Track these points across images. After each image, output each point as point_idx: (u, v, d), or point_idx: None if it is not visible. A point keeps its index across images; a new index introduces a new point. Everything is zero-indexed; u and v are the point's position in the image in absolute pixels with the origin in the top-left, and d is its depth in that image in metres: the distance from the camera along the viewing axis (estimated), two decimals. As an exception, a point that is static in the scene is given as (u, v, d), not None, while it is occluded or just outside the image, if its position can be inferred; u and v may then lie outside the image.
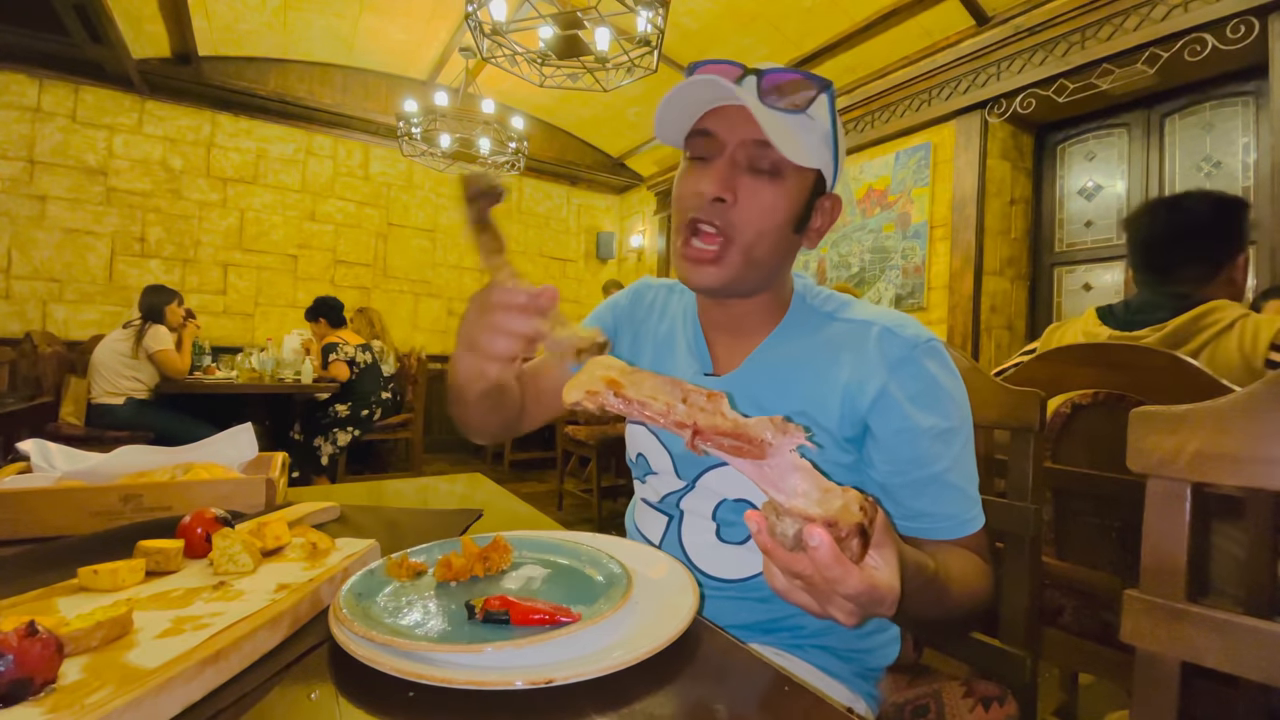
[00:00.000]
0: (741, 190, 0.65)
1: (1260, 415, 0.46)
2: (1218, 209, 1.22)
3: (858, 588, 0.39)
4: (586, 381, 0.43)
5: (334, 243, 4.92)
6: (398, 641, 0.41)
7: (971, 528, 0.66)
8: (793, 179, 0.66)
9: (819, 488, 0.40)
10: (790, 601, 0.43)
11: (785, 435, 0.40)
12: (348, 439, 3.59)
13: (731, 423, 0.41)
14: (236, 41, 4.24)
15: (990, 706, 0.72)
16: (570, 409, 0.45)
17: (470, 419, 0.79)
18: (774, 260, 0.68)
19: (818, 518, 0.38)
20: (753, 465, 0.40)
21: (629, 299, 0.88)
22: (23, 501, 0.68)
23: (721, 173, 0.64)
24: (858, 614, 0.42)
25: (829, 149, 0.68)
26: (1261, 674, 0.45)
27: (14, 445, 1.08)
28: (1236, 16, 2.34)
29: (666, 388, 0.43)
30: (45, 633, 0.34)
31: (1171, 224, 1.24)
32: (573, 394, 0.44)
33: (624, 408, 0.42)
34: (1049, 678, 1.54)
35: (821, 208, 0.71)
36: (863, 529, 0.39)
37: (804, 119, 0.65)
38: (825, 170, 0.68)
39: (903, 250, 3.61)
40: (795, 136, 0.63)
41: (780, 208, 0.66)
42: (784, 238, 0.68)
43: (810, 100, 0.65)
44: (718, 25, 3.76)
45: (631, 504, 0.88)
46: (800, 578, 0.40)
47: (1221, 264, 1.22)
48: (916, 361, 0.65)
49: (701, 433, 0.41)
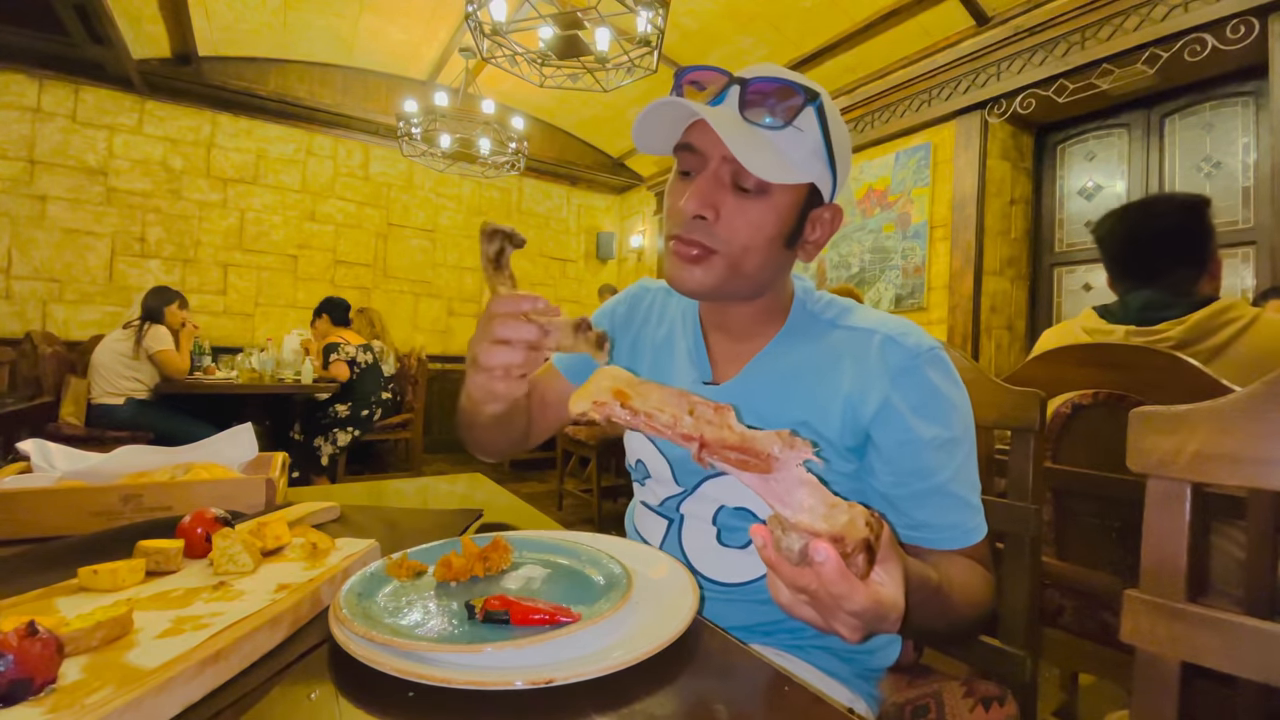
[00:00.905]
0: (724, 207, 0.63)
1: (1260, 415, 0.46)
2: (1188, 210, 1.25)
3: (863, 604, 0.39)
4: (593, 392, 0.43)
5: (334, 243, 4.92)
6: (398, 641, 0.41)
7: (975, 537, 0.65)
8: (781, 194, 0.64)
9: (825, 503, 0.39)
10: (794, 616, 0.43)
11: (792, 450, 0.39)
12: (348, 439, 3.59)
13: (739, 436, 0.40)
14: (236, 41, 4.24)
15: (990, 706, 0.72)
16: (576, 419, 0.45)
17: (481, 440, 0.79)
18: (764, 274, 0.67)
19: (824, 533, 0.38)
20: (759, 479, 0.40)
21: (626, 305, 0.87)
22: (23, 501, 0.68)
23: (702, 190, 0.62)
24: (862, 630, 0.42)
25: (822, 160, 0.65)
26: (1261, 674, 0.45)
27: (14, 445, 1.08)
28: (1236, 16, 2.34)
29: (673, 399, 0.42)
30: (45, 633, 0.34)
31: (1152, 226, 1.26)
32: (579, 404, 0.43)
33: (630, 419, 0.42)
34: (1049, 678, 1.54)
35: (819, 220, 0.68)
36: (869, 545, 0.39)
37: (790, 133, 0.62)
38: (820, 182, 0.66)
39: (903, 250, 3.61)
40: (778, 153, 0.61)
41: (767, 224, 0.64)
42: (774, 253, 0.65)
43: (795, 113, 0.62)
44: (718, 25, 3.75)
45: (631, 506, 0.88)
46: (805, 593, 0.40)
47: (1205, 262, 1.25)
48: (919, 371, 0.64)
49: (708, 446, 0.41)
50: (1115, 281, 1.34)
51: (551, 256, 5.94)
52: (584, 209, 6.11)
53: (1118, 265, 1.32)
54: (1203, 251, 1.24)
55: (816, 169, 0.65)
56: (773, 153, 0.61)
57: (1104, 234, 1.34)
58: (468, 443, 0.82)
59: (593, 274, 6.17)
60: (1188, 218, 1.24)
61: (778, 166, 0.61)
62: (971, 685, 0.74)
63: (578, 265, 6.10)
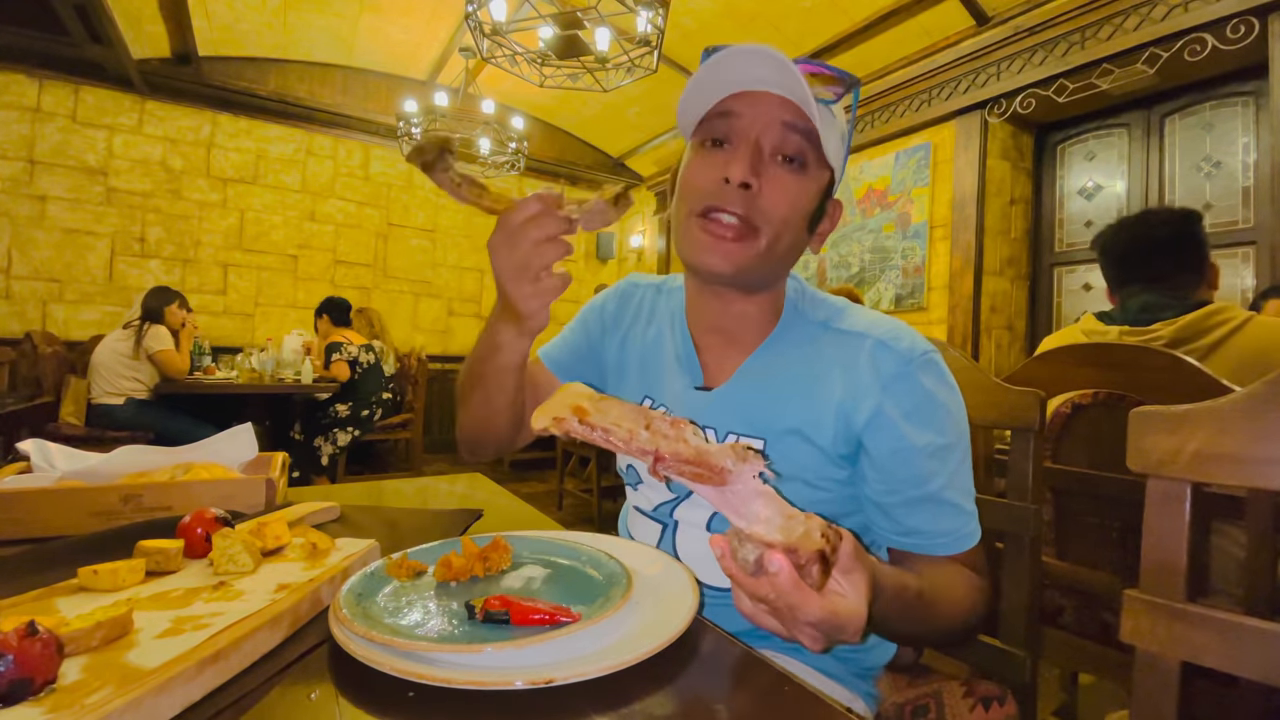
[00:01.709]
0: (767, 178, 0.61)
1: (1260, 415, 0.46)
2: (1184, 220, 1.31)
3: (818, 615, 0.40)
4: (555, 408, 0.44)
5: (334, 243, 4.92)
6: (398, 641, 0.41)
7: (968, 543, 0.64)
8: (814, 173, 0.64)
9: (781, 514, 0.40)
10: (757, 625, 0.43)
11: (745, 463, 0.41)
12: (348, 439, 3.59)
13: (694, 450, 0.42)
14: (236, 41, 4.24)
15: (990, 706, 0.72)
16: (539, 433, 0.46)
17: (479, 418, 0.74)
18: (791, 256, 0.67)
19: (778, 544, 0.39)
20: (715, 491, 0.41)
21: (616, 301, 0.86)
22: (23, 501, 0.68)
23: (749, 158, 0.60)
24: (822, 640, 0.42)
25: (843, 151, 0.66)
26: (1261, 674, 0.45)
27: (14, 445, 1.08)
28: (1236, 16, 2.34)
29: (631, 415, 0.43)
30: (45, 633, 0.34)
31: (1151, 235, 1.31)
32: (540, 420, 0.44)
33: (588, 435, 0.43)
34: (1049, 678, 1.54)
35: (829, 211, 0.69)
36: (823, 556, 0.39)
37: (829, 114, 0.63)
38: (838, 171, 0.67)
39: (903, 250, 3.61)
40: (827, 128, 0.62)
41: (804, 200, 0.64)
42: (802, 234, 0.66)
43: (843, 92, 0.62)
44: (718, 25, 3.76)
45: (624, 511, 0.87)
46: (764, 602, 0.41)
47: (1202, 269, 1.30)
48: (911, 377, 0.63)
49: (663, 460, 0.42)
50: (1115, 290, 1.38)
51: (551, 256, 5.93)
52: (584, 209, 6.10)
53: (1118, 271, 1.36)
54: (1200, 259, 1.30)
55: (840, 157, 0.66)
56: (826, 128, 0.62)
57: (1105, 245, 1.38)
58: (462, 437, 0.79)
59: (592, 274, 6.17)
60: (1184, 226, 1.29)
61: (828, 142, 0.62)
62: (971, 685, 0.74)
63: (578, 265, 6.10)
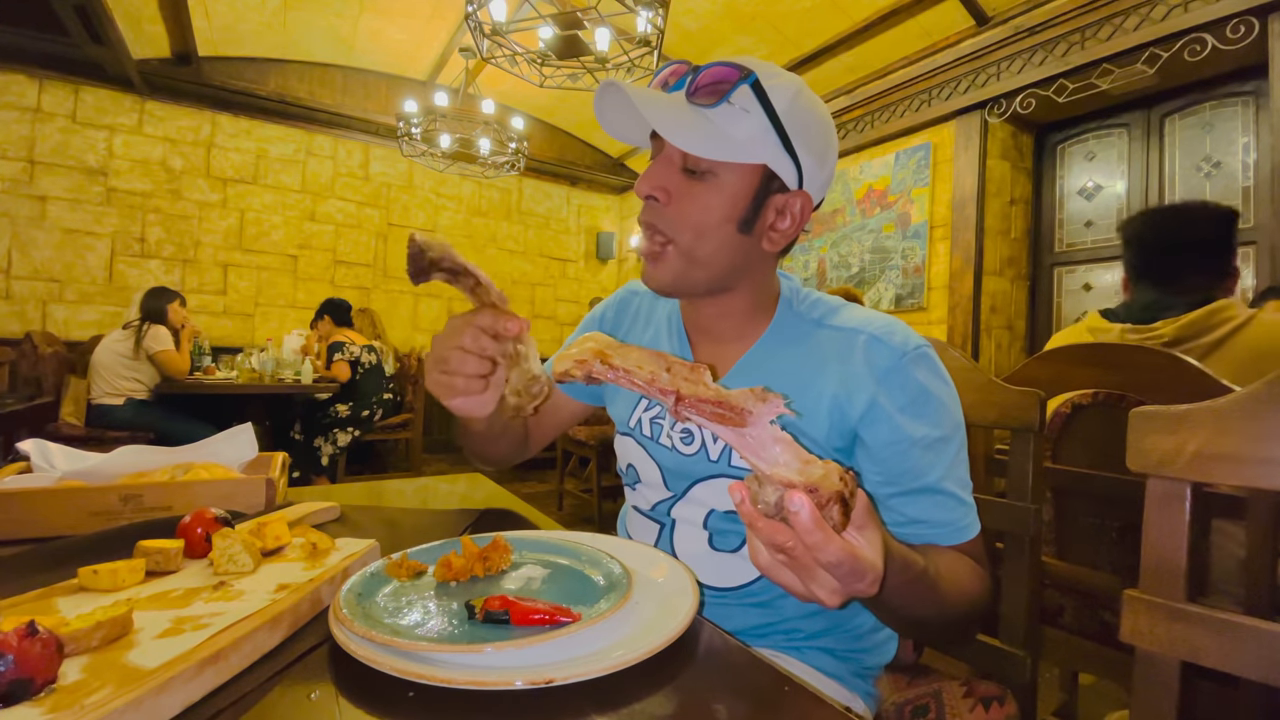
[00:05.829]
0: (674, 189, 0.64)
1: (1260, 415, 0.46)
2: (1220, 221, 1.25)
3: (838, 555, 0.39)
4: (576, 353, 0.45)
5: (334, 243, 4.91)
6: (398, 642, 0.41)
7: (968, 534, 0.64)
8: (729, 176, 0.63)
9: (799, 458, 0.41)
10: (774, 580, 0.43)
11: (765, 404, 0.41)
12: (348, 439, 3.59)
13: (713, 392, 0.42)
14: (236, 41, 4.24)
15: (990, 706, 0.72)
16: (559, 379, 0.47)
17: (476, 448, 0.81)
18: (723, 260, 0.66)
19: (799, 484, 0.39)
20: (734, 433, 0.42)
21: (614, 308, 0.88)
22: (23, 501, 0.68)
23: (653, 172, 0.64)
24: (841, 591, 0.41)
25: (774, 143, 0.62)
26: (1261, 674, 0.45)
27: (14, 445, 1.08)
28: (1236, 16, 2.34)
29: (651, 358, 0.45)
30: (45, 633, 0.34)
31: (1181, 234, 1.25)
32: (562, 364, 0.46)
33: (610, 375, 0.44)
34: (1049, 678, 1.54)
35: (784, 207, 0.66)
36: (843, 497, 0.40)
37: (729, 111, 0.61)
38: (776, 165, 0.63)
39: (903, 250, 3.61)
40: (717, 131, 0.61)
41: (714, 206, 0.63)
42: (728, 238, 0.65)
43: (727, 89, 0.61)
44: (717, 25, 3.75)
45: (623, 511, 0.88)
46: (782, 550, 0.40)
47: (1225, 273, 1.25)
48: (905, 370, 0.63)
49: (684, 400, 0.42)
50: (1133, 282, 1.32)
51: (551, 256, 5.93)
52: (584, 209, 6.10)
53: (1142, 266, 1.30)
54: (1224, 262, 1.25)
55: (768, 151, 0.63)
56: (709, 131, 0.61)
57: (1132, 234, 1.31)
58: (468, 452, 0.84)
59: (592, 274, 6.17)
60: (1220, 228, 1.24)
61: (712, 143, 0.61)
62: (971, 685, 0.74)
63: (578, 265, 6.09)
